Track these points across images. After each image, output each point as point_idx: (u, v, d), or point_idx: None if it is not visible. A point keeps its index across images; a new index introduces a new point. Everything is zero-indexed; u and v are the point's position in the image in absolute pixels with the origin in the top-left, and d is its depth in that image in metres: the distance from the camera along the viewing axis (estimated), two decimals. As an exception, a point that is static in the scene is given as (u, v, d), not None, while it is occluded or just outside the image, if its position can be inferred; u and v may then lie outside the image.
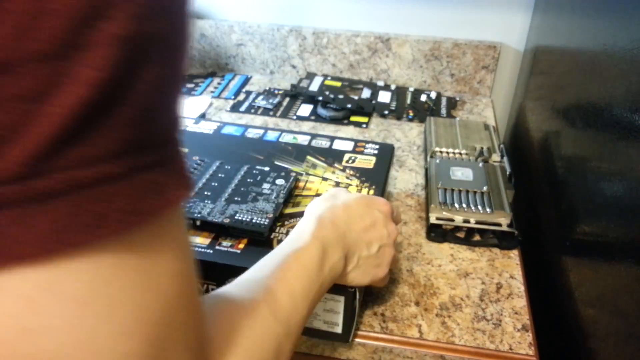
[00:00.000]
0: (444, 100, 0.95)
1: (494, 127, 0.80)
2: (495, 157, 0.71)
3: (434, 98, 0.95)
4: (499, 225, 0.60)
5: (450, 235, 0.62)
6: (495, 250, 0.62)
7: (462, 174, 0.67)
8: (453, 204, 0.62)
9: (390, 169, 0.63)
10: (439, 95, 0.97)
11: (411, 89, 0.98)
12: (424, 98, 0.95)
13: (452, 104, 0.94)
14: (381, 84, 0.99)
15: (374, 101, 0.92)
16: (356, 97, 0.93)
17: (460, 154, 0.72)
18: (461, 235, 0.62)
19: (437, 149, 0.73)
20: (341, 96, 0.92)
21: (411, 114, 0.90)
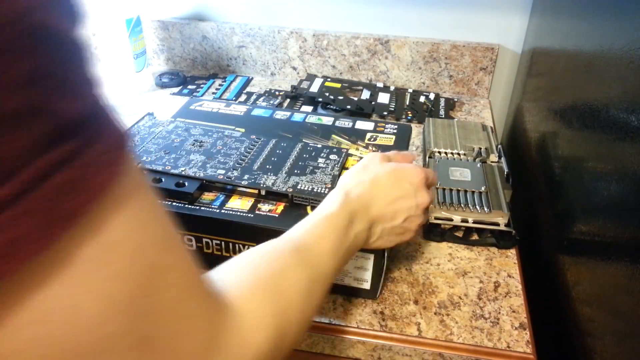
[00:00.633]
0: (442, 102, 0.96)
1: (491, 128, 0.80)
2: (493, 158, 0.72)
3: (432, 99, 0.95)
4: (497, 224, 0.61)
5: (449, 234, 0.63)
6: (493, 249, 0.62)
7: (461, 174, 0.68)
8: (451, 203, 0.63)
9: (409, 146, 0.68)
10: (437, 96, 0.97)
11: (410, 90, 0.99)
12: (422, 99, 0.95)
13: (451, 105, 0.95)
14: (380, 85, 1.00)
15: (373, 102, 0.93)
16: (356, 99, 0.94)
17: (458, 154, 0.73)
18: (459, 234, 0.63)
19: (436, 150, 0.74)
20: (341, 97, 0.92)
21: (410, 115, 0.91)
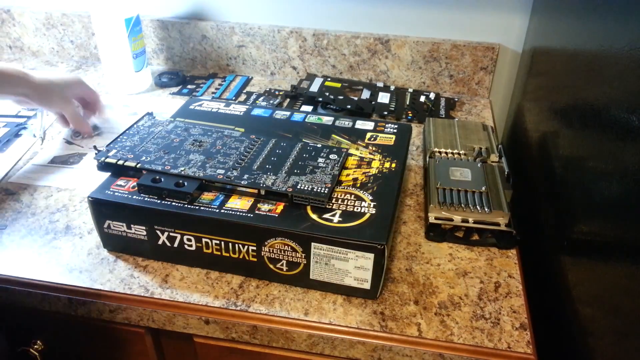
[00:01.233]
0: (442, 101, 0.96)
1: (492, 128, 0.80)
2: (494, 158, 0.72)
3: (432, 99, 0.95)
4: (498, 224, 0.61)
5: (449, 234, 0.63)
6: (494, 249, 0.62)
7: (461, 174, 0.68)
8: (452, 203, 0.63)
9: (409, 145, 0.68)
10: (437, 96, 0.97)
11: (410, 90, 0.99)
12: (423, 99, 0.95)
13: (451, 104, 0.95)
14: (381, 85, 1.00)
15: (373, 102, 0.93)
16: (356, 98, 0.93)
17: (459, 154, 0.73)
18: (460, 234, 0.63)
19: (436, 149, 0.73)
20: (341, 97, 0.92)
21: (410, 115, 0.91)
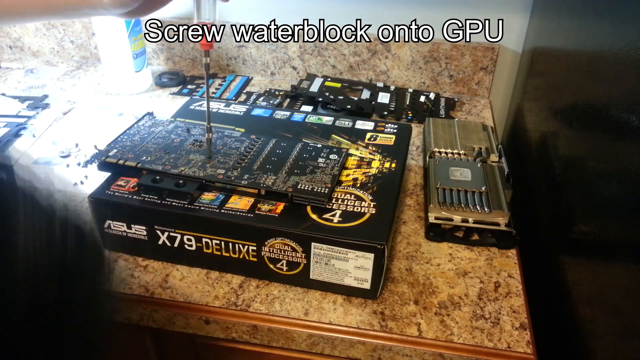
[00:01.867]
0: (442, 101, 0.96)
1: (492, 128, 0.80)
2: (494, 158, 0.72)
3: (432, 99, 0.95)
4: (497, 224, 0.61)
5: (449, 234, 0.63)
6: (494, 249, 0.62)
7: (461, 174, 0.68)
8: (452, 203, 0.63)
9: (409, 145, 0.68)
10: (437, 96, 0.97)
11: (410, 90, 0.99)
12: (422, 99, 0.95)
13: (451, 104, 0.95)
14: (380, 85, 1.00)
15: (373, 102, 0.93)
16: (356, 98, 0.93)
17: (458, 154, 0.73)
18: (460, 234, 0.63)
19: (436, 150, 0.73)
20: (341, 97, 0.92)
21: (410, 115, 0.91)
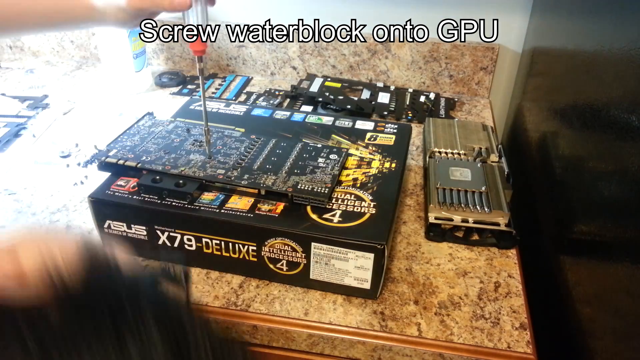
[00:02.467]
0: (442, 101, 0.96)
1: (492, 128, 0.80)
2: (494, 157, 0.72)
3: (432, 99, 0.95)
4: (497, 224, 0.61)
5: (449, 234, 0.63)
6: (494, 249, 0.62)
7: (461, 174, 0.68)
8: (452, 203, 0.63)
9: (409, 145, 0.68)
10: (437, 96, 0.97)
11: (410, 90, 0.99)
12: (422, 99, 0.95)
13: (451, 104, 0.95)
14: (380, 85, 1.00)
15: (373, 102, 0.93)
16: (356, 98, 0.93)
17: (458, 154, 0.73)
18: (460, 234, 0.63)
19: (436, 150, 0.73)
20: (341, 97, 0.92)
21: (410, 115, 0.91)
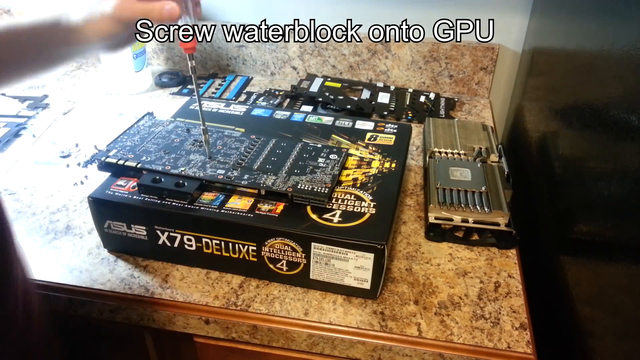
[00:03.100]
0: (442, 101, 0.96)
1: (492, 128, 0.80)
2: (494, 158, 0.72)
3: (432, 99, 0.95)
4: (497, 224, 0.61)
5: (449, 234, 0.63)
6: (494, 249, 0.62)
7: (461, 174, 0.68)
8: (452, 203, 0.63)
9: (409, 145, 0.69)
10: (437, 96, 0.97)
11: (410, 90, 0.99)
12: (422, 99, 0.95)
13: (451, 104, 0.95)
14: (380, 85, 1.00)
15: (373, 102, 0.93)
16: (356, 98, 0.93)
17: (458, 154, 0.73)
18: (460, 234, 0.63)
19: (436, 150, 0.73)
20: (341, 97, 0.92)
21: (410, 115, 0.91)
